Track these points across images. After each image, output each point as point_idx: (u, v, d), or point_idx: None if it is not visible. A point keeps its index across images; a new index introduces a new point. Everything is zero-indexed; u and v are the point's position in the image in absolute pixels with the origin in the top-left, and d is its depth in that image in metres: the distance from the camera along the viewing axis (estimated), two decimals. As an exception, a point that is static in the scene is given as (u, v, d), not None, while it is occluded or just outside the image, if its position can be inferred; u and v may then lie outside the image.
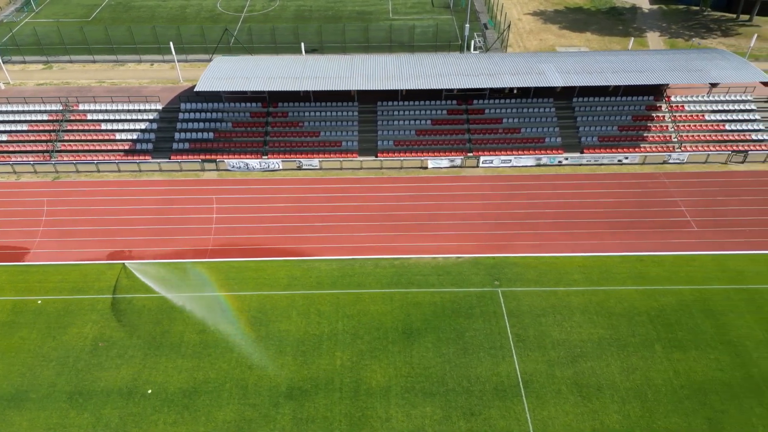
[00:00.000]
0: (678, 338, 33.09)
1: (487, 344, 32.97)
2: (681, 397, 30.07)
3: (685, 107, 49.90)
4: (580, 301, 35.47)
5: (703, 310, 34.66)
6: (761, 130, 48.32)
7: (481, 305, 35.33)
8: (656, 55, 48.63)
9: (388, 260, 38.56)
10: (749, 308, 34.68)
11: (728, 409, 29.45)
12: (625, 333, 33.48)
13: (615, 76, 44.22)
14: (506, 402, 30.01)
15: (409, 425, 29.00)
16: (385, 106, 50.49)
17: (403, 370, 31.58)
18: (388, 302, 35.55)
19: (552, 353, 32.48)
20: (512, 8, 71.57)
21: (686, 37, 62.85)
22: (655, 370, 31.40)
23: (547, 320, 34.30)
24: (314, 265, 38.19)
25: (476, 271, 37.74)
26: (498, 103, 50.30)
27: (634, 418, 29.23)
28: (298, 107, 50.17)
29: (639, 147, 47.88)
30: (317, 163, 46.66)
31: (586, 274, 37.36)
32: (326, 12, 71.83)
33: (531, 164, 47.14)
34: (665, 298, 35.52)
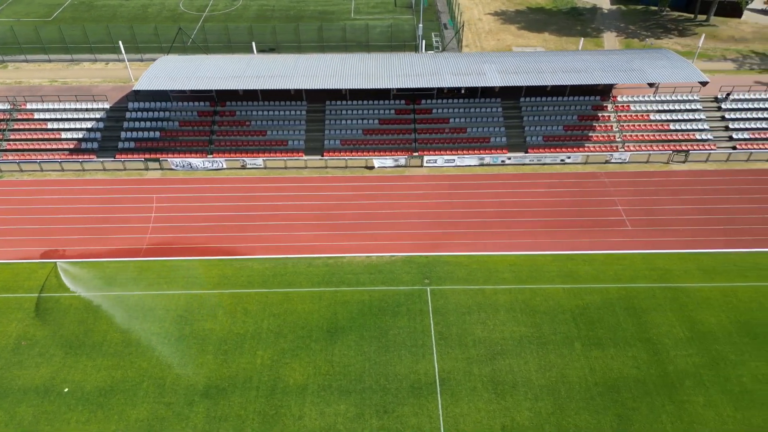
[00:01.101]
0: (598, 336, 33.38)
1: (409, 342, 33.17)
2: (594, 395, 30.36)
3: (630, 107, 50.25)
4: (507, 300, 35.73)
5: (627, 308, 34.96)
6: (705, 130, 48.72)
7: (409, 303, 35.50)
8: (600, 55, 48.95)
9: (323, 259, 38.72)
10: (672, 306, 34.99)
11: (639, 407, 29.74)
12: (547, 331, 33.75)
13: (553, 77, 44.49)
14: (421, 399, 30.22)
15: (321, 423, 29.19)
16: (334, 106, 50.61)
17: (322, 369, 31.74)
18: (317, 301, 35.70)
19: (472, 351, 32.71)
20: (474, 8, 71.86)
21: (642, 37, 63.25)
22: (571, 368, 31.67)
23: (471, 318, 34.54)
24: (247, 264, 38.29)
25: (408, 270, 37.92)
26: (446, 103, 50.49)
27: (545, 415, 29.47)
28: (246, 106, 50.21)
29: (583, 147, 48.18)
30: (261, 163, 46.84)
31: (516, 273, 37.61)
32: (288, 12, 71.88)
33: (474, 164, 47.38)
34: (591, 297, 35.81)
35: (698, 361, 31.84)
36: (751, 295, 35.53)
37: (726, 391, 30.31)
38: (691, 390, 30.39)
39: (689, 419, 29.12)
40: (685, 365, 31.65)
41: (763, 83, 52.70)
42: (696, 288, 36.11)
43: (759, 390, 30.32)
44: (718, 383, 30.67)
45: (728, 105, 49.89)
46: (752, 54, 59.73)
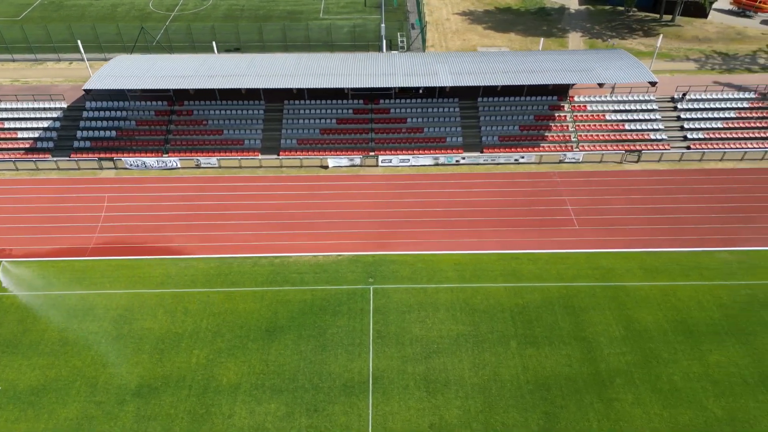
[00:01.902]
0: (535, 335, 33.55)
1: (346, 341, 33.28)
2: (524, 393, 30.52)
3: (587, 107, 50.47)
4: (448, 298, 35.87)
5: (566, 307, 35.15)
6: (659, 130, 48.99)
7: (350, 302, 35.61)
8: (556, 56, 49.14)
9: (269, 259, 38.78)
10: (611, 305, 35.19)
11: (568, 405, 29.90)
12: (485, 329, 33.90)
13: (505, 77, 44.63)
14: (352, 398, 30.33)
15: (250, 422, 29.26)
16: (292, 105, 50.66)
17: (257, 368, 31.81)
18: (258, 301, 35.75)
19: (408, 349, 32.82)
20: (443, 8, 71.99)
21: (607, 37, 63.50)
22: (504, 366, 31.82)
23: (411, 317, 34.64)
24: (192, 264, 38.30)
25: (353, 269, 38.03)
26: (404, 102, 50.60)
27: (474, 412, 29.61)
28: (203, 106, 50.18)
29: (539, 147, 48.36)
30: (216, 162, 46.85)
31: (460, 272, 37.74)
32: (258, 11, 71.87)
33: (429, 163, 47.50)
34: (531, 295, 35.99)
35: (631, 359, 32.06)
36: (691, 293, 35.74)
37: (656, 389, 30.52)
38: (621, 388, 30.58)
39: (616, 417, 29.31)
40: (617, 363, 31.86)
41: (721, 83, 53.02)
42: (636, 287, 36.32)
43: (688, 388, 30.51)
44: (649, 381, 30.88)
45: (684, 105, 50.18)
46: (715, 54, 60.07)
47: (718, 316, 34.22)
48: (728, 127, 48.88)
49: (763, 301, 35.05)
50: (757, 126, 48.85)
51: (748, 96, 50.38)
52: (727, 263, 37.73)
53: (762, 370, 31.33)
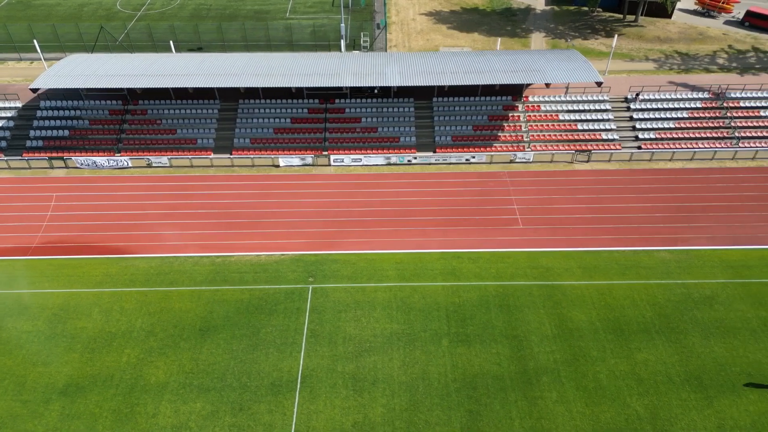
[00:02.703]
0: (467, 333, 33.72)
1: (279, 340, 33.36)
2: (450, 391, 30.68)
3: (541, 107, 50.68)
4: (385, 297, 35.97)
5: (501, 306, 35.31)
6: (611, 130, 49.26)
7: (288, 302, 35.71)
8: (507, 56, 49.26)
9: (210, 258, 38.83)
10: (546, 304, 35.37)
11: (492, 403, 30.08)
12: (419, 328, 34.03)
13: (452, 77, 44.72)
14: (278, 397, 30.42)
15: (174, 420, 29.31)
16: (247, 105, 50.67)
17: (186, 367, 31.87)
18: (195, 300, 35.79)
19: (340, 348, 32.94)
20: (410, 8, 72.09)
21: (570, 37, 63.74)
22: (434, 364, 31.97)
23: (347, 316, 34.77)
24: (133, 263, 38.34)
25: (295, 269, 38.13)
26: (359, 102, 50.74)
27: (398, 411, 29.76)
28: (157, 105, 50.20)
29: (491, 147, 48.52)
30: (167, 161, 46.90)
31: (401, 271, 37.86)
32: (224, 10, 71.79)
33: (381, 163, 47.62)
34: (468, 294, 36.16)
35: (559, 357, 32.27)
36: (626, 292, 35.97)
37: (581, 387, 30.69)
38: (546, 386, 30.78)
39: (538, 415, 29.48)
40: (546, 362, 32.06)
41: (676, 83, 53.28)
42: (573, 286, 36.50)
43: (613, 386, 30.72)
44: (575, 380, 31.06)
45: (637, 105, 50.48)
46: (675, 54, 60.38)
47: (651, 314, 34.45)
48: (680, 127, 49.18)
49: (697, 300, 35.33)
50: (709, 126, 49.21)
51: (701, 96, 50.71)
52: (665, 262, 37.97)
53: (688, 368, 31.57)
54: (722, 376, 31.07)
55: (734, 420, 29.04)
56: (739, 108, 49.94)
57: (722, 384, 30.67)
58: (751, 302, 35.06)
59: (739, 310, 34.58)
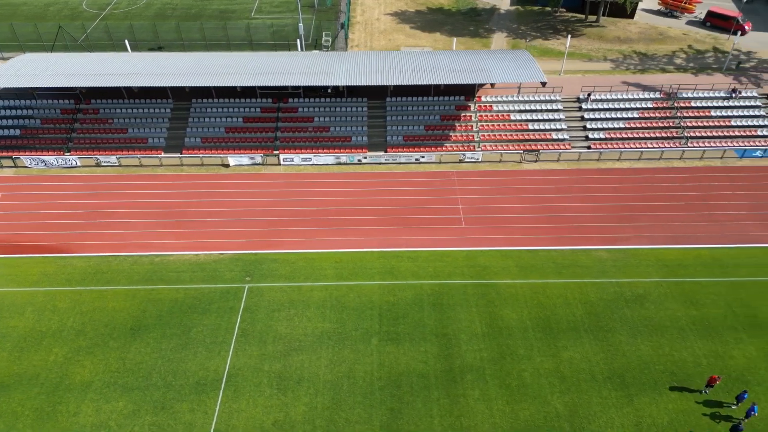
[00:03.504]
0: (398, 332, 33.80)
1: (209, 339, 33.40)
2: (374, 389, 30.76)
3: (493, 107, 50.84)
4: (321, 296, 36.08)
5: (435, 304, 35.44)
6: (562, 130, 49.47)
7: (222, 301, 35.74)
8: (458, 56, 49.43)
9: (149, 257, 38.84)
10: (479, 302, 35.50)
11: (414, 401, 30.17)
12: (350, 327, 34.12)
13: (399, 77, 44.89)
14: (202, 396, 30.46)
15: (95, 419, 29.31)
16: (199, 104, 50.61)
17: (113, 366, 31.87)
18: (130, 299, 35.80)
19: (269, 347, 33.01)
20: (376, 8, 72.19)
21: (531, 38, 63.95)
22: (361, 363, 32.06)
23: (280, 315, 34.85)
24: (71, 262, 38.30)
25: (233, 268, 38.17)
26: (312, 102, 50.77)
27: (320, 409, 29.84)
28: (110, 104, 50.08)
29: (442, 146, 48.66)
30: (116, 160, 46.85)
31: (339, 270, 37.97)
32: (190, 10, 71.71)
33: (331, 162, 47.70)
34: (403, 293, 36.24)
35: (486, 355, 32.42)
36: (560, 291, 36.13)
37: (504, 385, 30.84)
38: (470, 384, 30.91)
39: (459, 413, 29.60)
40: (472, 360, 32.21)
41: (629, 83, 53.54)
42: (508, 284, 36.65)
43: (536, 384, 30.89)
44: (499, 378, 31.22)
45: (589, 105, 50.73)
46: (634, 54, 60.64)
47: (582, 313, 34.60)
48: (630, 127, 49.41)
49: (629, 298, 35.55)
50: (659, 126, 49.47)
51: (653, 96, 50.96)
52: (601, 261, 38.14)
53: (612, 366, 31.78)
54: (645, 374, 31.24)
55: (652, 418, 29.25)
56: (690, 108, 50.24)
57: (644, 382, 30.82)
58: (683, 301, 35.27)
59: (669, 309, 34.78)
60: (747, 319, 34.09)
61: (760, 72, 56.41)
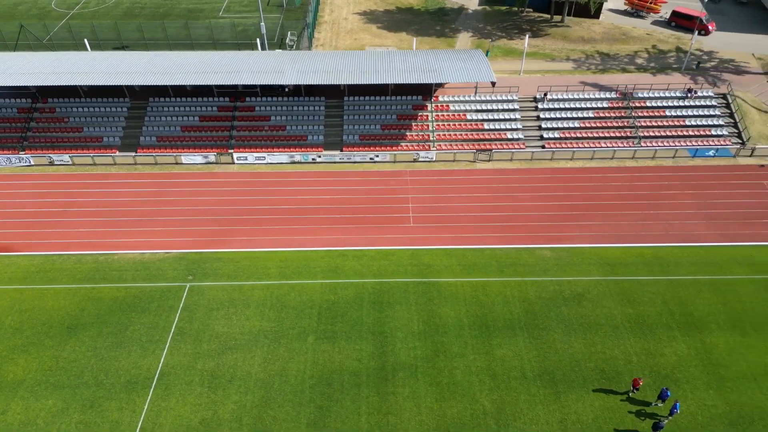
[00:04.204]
0: (335, 330, 33.93)
1: (145, 338, 33.44)
2: (305, 387, 30.87)
3: (450, 107, 51.01)
4: (262, 295, 36.16)
5: (374, 303, 35.54)
6: (517, 129, 49.66)
7: (162, 300, 35.78)
8: (411, 56, 49.42)
9: (94, 256, 38.83)
10: (419, 301, 35.62)
11: (343, 399, 30.29)
12: (288, 326, 34.20)
13: (348, 76, 45.00)
14: (131, 394, 30.51)
15: (23, 417, 29.30)
16: (157, 103, 50.69)
17: (46, 364, 31.88)
18: (70, 298, 35.79)
19: (205, 346, 33.07)
20: (344, 8, 72.24)
21: (496, 37, 64.10)
22: (295, 361, 32.17)
23: (218, 314, 34.91)
24: (15, 261, 38.25)
25: (177, 267, 38.20)
26: (269, 101, 50.89)
27: (249, 407, 29.91)
28: (66, 103, 50.09)
29: (398, 146, 48.86)
30: (68, 159, 46.80)
31: (283, 269, 38.06)
32: (158, 9, 71.60)
33: (285, 161, 47.81)
34: (345, 292, 36.36)
35: (420, 353, 32.54)
36: (500, 289, 36.28)
37: (434, 383, 30.96)
38: (401, 382, 31.02)
39: (387, 410, 29.72)
40: (406, 358, 32.32)
41: (587, 83, 53.77)
42: (450, 282, 36.80)
43: (466, 382, 31.04)
44: (430, 375, 31.35)
45: (545, 105, 50.95)
46: (596, 54, 60.87)
47: (519, 311, 34.77)
48: (585, 126, 49.60)
49: (567, 297, 35.74)
50: (613, 126, 49.64)
51: (609, 96, 51.17)
52: (544, 260, 38.35)
53: (544, 364, 31.97)
54: (575, 372, 31.43)
55: (577, 415, 29.43)
56: (645, 108, 50.48)
57: (573, 380, 31.01)
58: (620, 299, 35.45)
59: (606, 307, 34.99)
60: (682, 318, 34.35)
61: (720, 72, 56.81)
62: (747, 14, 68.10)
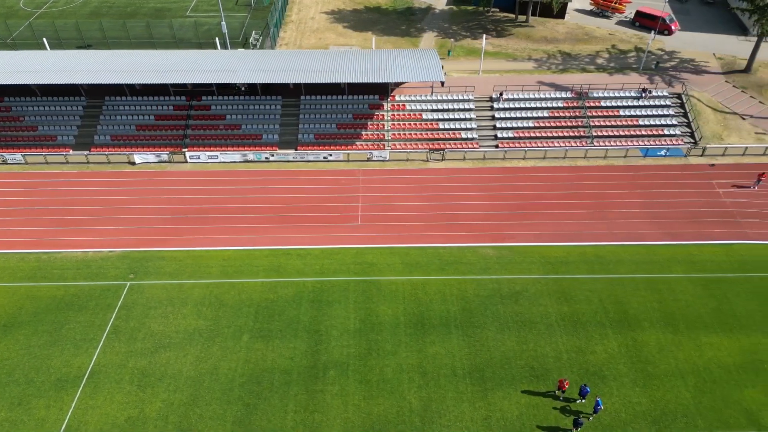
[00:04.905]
0: (271, 328, 34.00)
1: (79, 336, 33.43)
2: (234, 386, 30.93)
3: (406, 106, 51.13)
4: (201, 294, 36.19)
5: (313, 301, 35.68)
6: (471, 129, 49.82)
7: (101, 298, 35.77)
8: (366, 55, 49.60)
9: (37, 255, 38.74)
10: (358, 299, 35.75)
11: (272, 396, 30.37)
12: (224, 324, 34.26)
13: (297, 75, 45.16)
14: (60, 392, 30.51)
15: (-52, 416, 29.55)
16: (113, 102, 50.63)
17: (-23, 363, 32.11)
18: (9, 296, 35.68)
19: (138, 344, 33.12)
20: (313, 7, 72.26)
21: (461, 37, 64.30)
22: (227, 360, 32.26)
23: (156, 312, 34.94)
24: (-44, 260, 38.47)
25: (119, 265, 38.20)
26: (225, 100, 50.89)
27: (177, 405, 29.96)
28: (22, 102, 49.93)
29: (353, 144, 48.98)
30: (21, 158, 46.74)
31: (225, 268, 38.11)
32: (126, 8, 71.37)
33: (238, 160, 47.88)
34: (285, 290, 36.45)
35: (353, 351, 32.65)
36: (440, 287, 36.36)
37: (364, 381, 31.08)
38: (331, 380, 31.14)
39: (314, 408, 29.84)
40: (338, 356, 32.43)
41: (545, 83, 54.03)
42: (390, 281, 36.89)
43: (396, 380, 31.14)
44: (361, 373, 31.47)
45: (500, 105, 51.14)
46: (558, 54, 61.08)
47: (456, 309, 34.92)
48: (538, 126, 49.82)
49: (505, 295, 35.89)
50: (567, 125, 49.86)
51: (564, 95, 51.42)
52: (486, 258, 38.49)
53: (475, 361, 32.10)
54: (505, 369, 31.61)
55: (502, 412, 29.60)
56: (599, 108, 50.71)
57: (503, 377, 31.18)
58: (557, 298, 35.65)
59: (542, 305, 35.17)
60: (617, 315, 34.57)
61: (679, 72, 57.13)
62: (712, 14, 68.48)
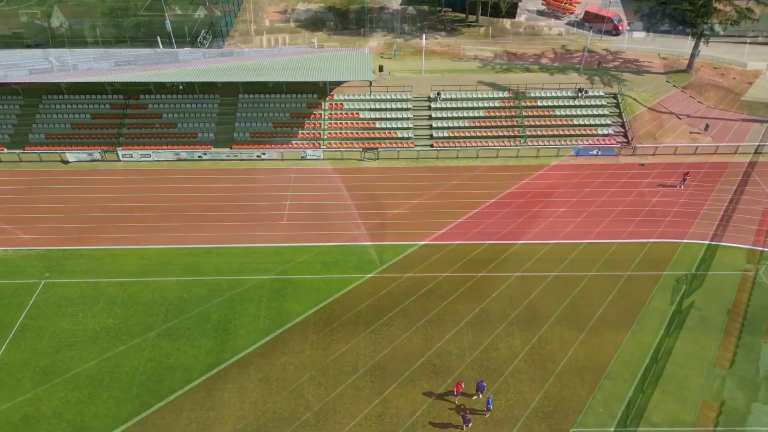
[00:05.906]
0: (179, 327, 33.93)
1: (-15, 335, 33.57)
2: (134, 384, 30.86)
3: (344, 105, 51.28)
4: (115, 292, 36.11)
5: (226, 300, 35.63)
6: (407, 128, 50.04)
7: (14, 297, 35.57)
8: (301, 55, 50.15)
9: (-45, 253, 38.87)
10: (272, 297, 35.70)
11: (170, 395, 30.08)
12: (133, 322, 34.20)
13: (234, 74, 45.64)
14: (-42, 391, 30.66)
15: None
16: (50, 100, 50.52)
17: None
18: None
19: (44, 343, 32.99)
20: (267, 6, 72.50)
21: (410, 37, 64.57)
22: (131, 358, 32.15)
23: (66, 311, 34.81)
24: None
25: (36, 264, 38.06)
26: (163, 98, 50.91)
27: (73, 403, 29.64)
28: (-44, 101, 50.12)
29: (288, 143, 49.07)
30: (-50, 157, 46.76)
31: (143, 266, 38.02)
32: (80, 7, 71.40)
33: (171, 159, 47.88)
34: (199, 289, 36.38)
35: (258, 350, 32.60)
36: (354, 285, 36.32)
37: (265, 378, 30.85)
38: (232, 378, 30.87)
39: (210, 406, 29.52)
40: (243, 354, 32.25)
41: (484, 82, 54.23)
42: (307, 279, 36.89)
43: (296, 378, 30.87)
44: (263, 371, 31.22)
45: (438, 104, 51.34)
46: (504, 53, 61.19)
47: (366, 306, 34.57)
48: (474, 125, 50.12)
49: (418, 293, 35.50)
50: (502, 125, 50.16)
51: (501, 95, 51.72)
52: (407, 257, 38.44)
53: (378, 359, 31.79)
54: (407, 366, 31.35)
55: (397, 409, 29.10)
56: (535, 107, 51.10)
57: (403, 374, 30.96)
58: (470, 296, 35.36)
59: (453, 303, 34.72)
60: (526, 313, 34.53)
61: (621, 71, 57.56)
62: (663, 14, 69.07)
